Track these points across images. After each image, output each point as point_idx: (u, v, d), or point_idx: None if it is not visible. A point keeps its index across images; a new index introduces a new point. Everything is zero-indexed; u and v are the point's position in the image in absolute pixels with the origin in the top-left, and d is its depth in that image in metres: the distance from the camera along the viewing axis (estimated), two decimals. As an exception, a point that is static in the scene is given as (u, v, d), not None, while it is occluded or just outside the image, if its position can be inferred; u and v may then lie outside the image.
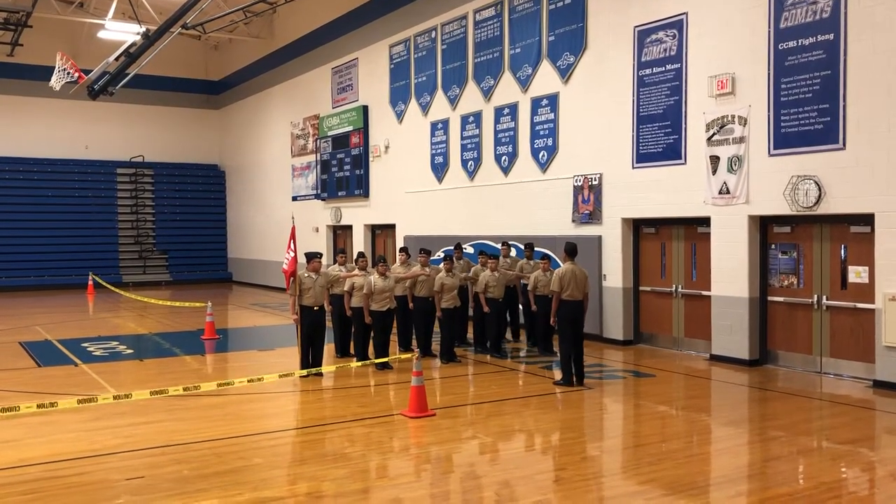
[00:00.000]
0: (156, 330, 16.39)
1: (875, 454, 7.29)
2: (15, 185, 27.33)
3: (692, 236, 12.61)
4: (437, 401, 9.27)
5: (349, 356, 12.05)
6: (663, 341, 13.15)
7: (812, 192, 10.37)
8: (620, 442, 7.91)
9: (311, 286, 10.79)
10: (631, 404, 9.41)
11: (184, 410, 8.82)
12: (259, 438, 7.77)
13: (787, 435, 7.77)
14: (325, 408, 9.39)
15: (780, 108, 10.81)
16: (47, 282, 27.05)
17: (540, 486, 6.22)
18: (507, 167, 15.91)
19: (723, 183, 11.58)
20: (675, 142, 12.33)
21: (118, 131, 29.25)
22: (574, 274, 10.15)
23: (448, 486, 6.42)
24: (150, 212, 29.76)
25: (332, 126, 22.49)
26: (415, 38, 18.78)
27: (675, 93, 12.32)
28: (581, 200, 14.05)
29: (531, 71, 15.20)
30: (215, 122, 31.47)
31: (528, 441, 7.86)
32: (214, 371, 12.13)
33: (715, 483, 6.42)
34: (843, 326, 10.54)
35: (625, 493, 6.10)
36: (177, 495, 6.03)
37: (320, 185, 23.29)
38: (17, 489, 6.22)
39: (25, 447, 7.38)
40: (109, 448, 7.35)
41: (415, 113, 18.88)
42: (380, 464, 6.98)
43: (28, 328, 16.51)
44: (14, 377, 11.09)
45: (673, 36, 12.35)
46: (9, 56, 26.58)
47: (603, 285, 13.55)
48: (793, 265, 11.22)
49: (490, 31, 16.31)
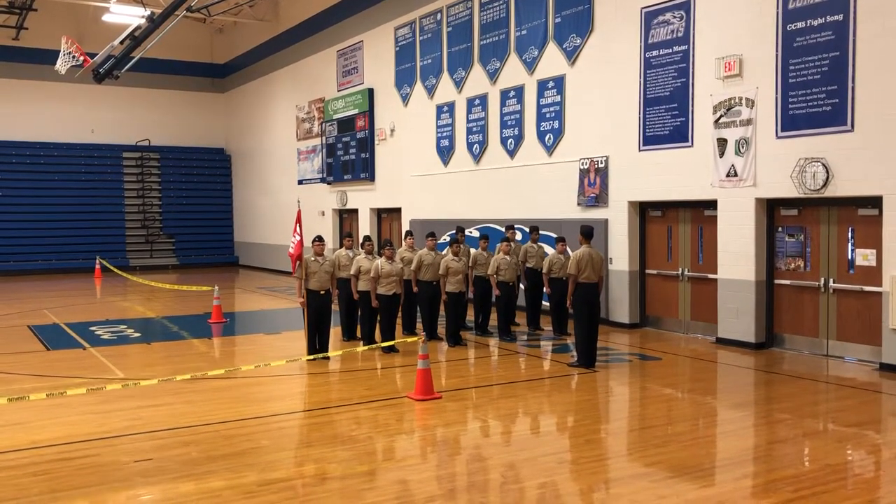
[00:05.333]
0: (163, 313, 16.46)
1: (881, 437, 7.30)
2: (21, 170, 27.40)
3: (699, 219, 12.57)
4: (442, 384, 9.31)
5: (356, 340, 12.08)
6: (669, 324, 13.16)
7: (819, 175, 10.32)
8: (626, 424, 7.94)
9: (316, 270, 10.81)
10: (637, 387, 9.43)
11: (192, 393, 8.87)
12: (266, 421, 7.82)
13: (792, 417, 7.79)
14: (331, 391, 9.44)
15: (788, 89, 10.74)
16: (55, 266, 27.16)
17: (545, 468, 6.26)
18: (513, 150, 15.86)
19: (730, 165, 11.52)
20: (682, 124, 12.27)
21: (124, 115, 29.25)
22: (591, 256, 10.15)
23: (454, 468, 6.46)
24: (156, 196, 29.82)
25: (337, 109, 22.43)
26: (420, 20, 18.68)
27: (683, 75, 12.24)
28: (587, 183, 14.01)
29: (537, 53, 15.12)
30: (221, 106, 31.43)
31: (534, 423, 7.89)
32: (222, 354, 12.19)
33: (720, 465, 6.44)
34: (849, 309, 10.52)
35: (630, 474, 6.13)
36: (185, 477, 6.09)
37: (326, 168, 23.28)
38: (29, 471, 6.29)
39: (36, 429, 7.45)
40: (119, 430, 7.41)
41: (420, 96, 18.82)
42: (386, 446, 7.02)
43: (36, 312, 16.60)
44: (23, 361, 11.17)
45: (680, 17, 12.25)
46: (14, 40, 26.55)
47: (609, 268, 13.54)
48: (800, 248, 11.18)
49: (496, 12, 16.20)
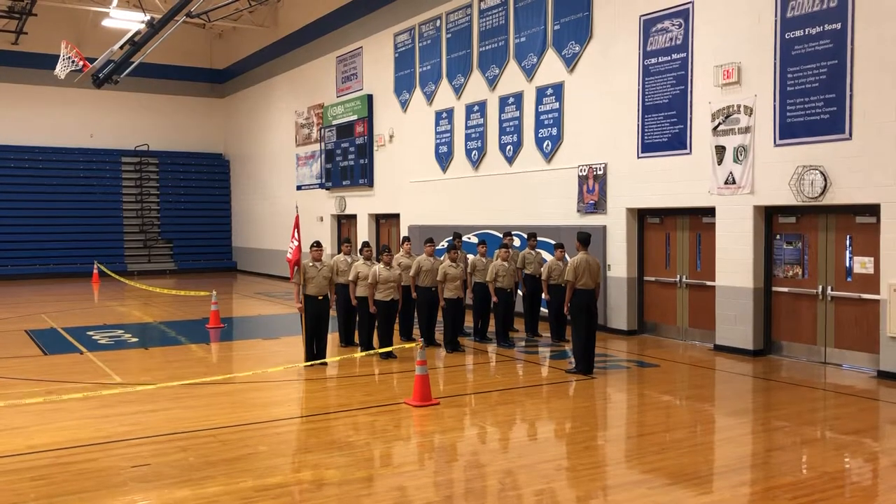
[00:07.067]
0: (161, 318, 16.44)
1: (878, 444, 7.30)
2: (20, 174, 27.36)
3: (697, 226, 12.59)
4: (440, 390, 9.30)
5: (353, 345, 12.08)
6: (667, 331, 13.16)
7: (818, 183, 10.34)
8: (624, 431, 7.93)
9: (314, 276, 10.82)
10: (635, 394, 9.43)
11: (189, 399, 8.86)
12: (264, 426, 7.81)
13: (790, 425, 7.79)
14: (329, 396, 9.43)
15: (787, 97, 10.77)
16: (52, 270, 27.13)
17: (543, 475, 6.25)
18: (512, 157, 15.88)
19: (728, 173, 11.55)
20: (681, 131, 12.29)
21: (123, 120, 29.24)
22: (588, 263, 10.17)
23: (451, 475, 6.46)
24: (154, 200, 29.80)
25: (336, 115, 22.46)
26: (419, 26, 18.72)
27: (681, 82, 12.28)
28: (586, 190, 14.03)
29: (536, 60, 15.15)
30: (220, 111, 31.45)
31: (532, 430, 7.88)
32: (219, 360, 12.18)
33: (718, 473, 6.44)
34: (847, 317, 10.53)
35: (628, 482, 6.13)
36: (183, 482, 6.07)
37: (324, 174, 23.29)
38: (26, 475, 6.28)
39: (34, 434, 7.43)
40: (116, 435, 7.40)
41: (419, 102, 18.85)
42: (383, 452, 7.01)
43: (34, 316, 16.57)
44: (20, 365, 11.15)
45: (679, 25, 12.29)
46: (13, 44, 26.56)
47: (607, 275, 13.55)
48: (798, 255, 11.20)
49: (495, 19, 16.24)
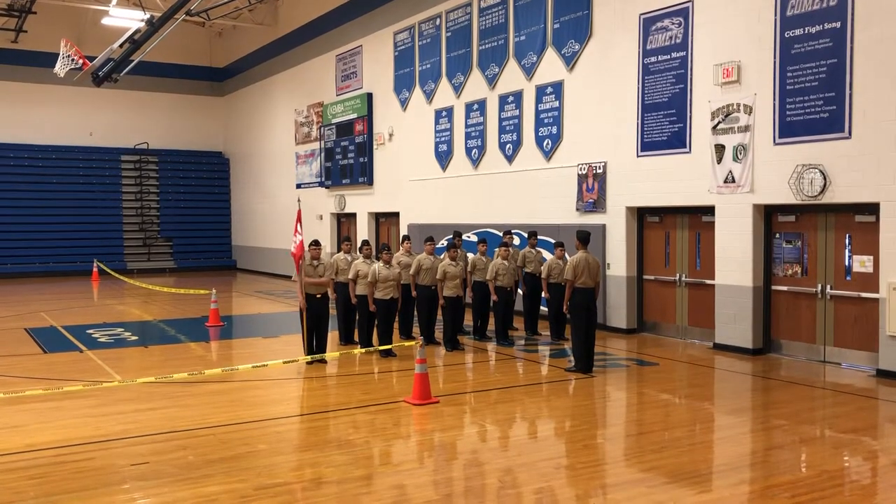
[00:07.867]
0: (160, 317, 16.44)
1: (878, 443, 7.30)
2: (19, 172, 27.37)
3: (696, 225, 12.59)
4: (440, 388, 9.31)
5: (353, 343, 12.08)
6: (667, 330, 13.16)
7: (817, 181, 10.34)
8: (623, 429, 7.93)
9: (312, 274, 10.82)
10: (634, 392, 9.43)
11: (188, 397, 8.86)
12: (263, 425, 7.81)
13: (789, 424, 7.79)
14: (329, 395, 9.43)
15: (786, 96, 10.77)
16: (52, 268, 27.14)
17: (542, 473, 6.25)
18: (512, 155, 15.88)
19: (728, 171, 11.55)
20: (680, 130, 12.29)
21: (122, 118, 29.25)
22: (587, 262, 10.17)
23: (451, 473, 6.46)
24: (154, 199, 29.81)
25: (336, 113, 22.45)
26: (419, 25, 18.71)
27: (681, 81, 12.27)
28: (585, 189, 14.03)
29: (536, 59, 15.15)
30: (219, 110, 31.44)
31: (531, 428, 7.88)
32: (219, 358, 12.18)
33: (717, 471, 6.44)
34: (846, 316, 10.54)
35: (627, 480, 6.13)
36: (182, 481, 6.07)
37: (324, 172, 23.28)
38: (25, 474, 6.28)
39: (32, 432, 7.43)
40: (115, 434, 7.40)
41: (419, 100, 18.84)
42: (383, 450, 7.01)
43: (33, 314, 16.57)
44: (20, 363, 11.15)
45: (678, 24, 12.29)
46: (13, 43, 26.55)
47: (607, 274, 13.55)
48: (797, 254, 11.20)
49: (495, 18, 16.23)
